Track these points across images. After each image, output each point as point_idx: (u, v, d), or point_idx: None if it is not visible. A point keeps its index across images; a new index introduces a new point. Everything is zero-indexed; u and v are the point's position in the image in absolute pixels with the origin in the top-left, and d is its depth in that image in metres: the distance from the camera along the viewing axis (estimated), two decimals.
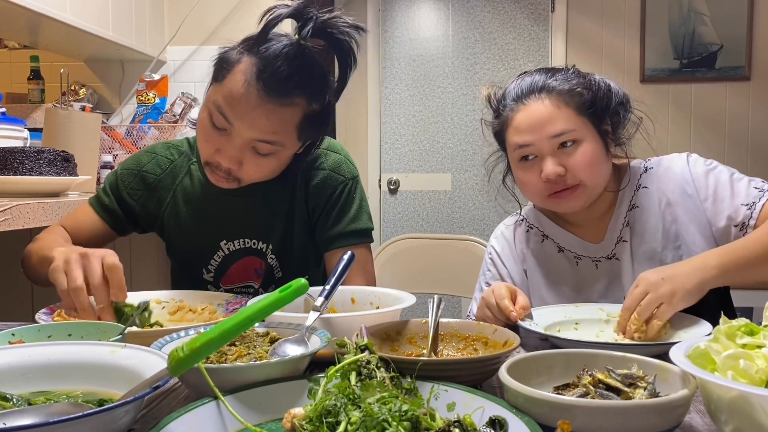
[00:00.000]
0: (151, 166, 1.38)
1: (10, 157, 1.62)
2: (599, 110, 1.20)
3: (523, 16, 3.86)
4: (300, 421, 0.60)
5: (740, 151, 3.70)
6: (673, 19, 3.70)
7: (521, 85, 1.23)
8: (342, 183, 1.34)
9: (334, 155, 1.36)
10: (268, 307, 0.71)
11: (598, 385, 0.69)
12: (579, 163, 1.16)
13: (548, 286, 1.30)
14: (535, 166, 1.20)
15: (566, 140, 1.17)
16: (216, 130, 1.17)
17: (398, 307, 0.98)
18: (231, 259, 1.36)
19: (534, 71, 1.26)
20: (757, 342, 0.63)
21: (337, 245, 1.32)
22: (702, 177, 1.20)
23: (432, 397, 0.69)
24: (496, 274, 1.35)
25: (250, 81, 1.12)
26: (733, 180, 1.18)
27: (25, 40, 2.82)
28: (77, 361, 0.76)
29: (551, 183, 1.18)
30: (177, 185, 1.37)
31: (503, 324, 0.98)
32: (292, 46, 1.14)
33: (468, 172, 3.97)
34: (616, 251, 1.25)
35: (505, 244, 1.37)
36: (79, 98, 3.01)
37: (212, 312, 1.14)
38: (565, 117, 1.17)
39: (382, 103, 4.02)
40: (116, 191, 1.38)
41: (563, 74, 1.22)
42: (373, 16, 3.97)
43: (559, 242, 1.31)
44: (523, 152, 1.20)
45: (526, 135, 1.19)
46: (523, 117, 1.20)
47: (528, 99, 1.20)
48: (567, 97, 1.18)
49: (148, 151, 1.42)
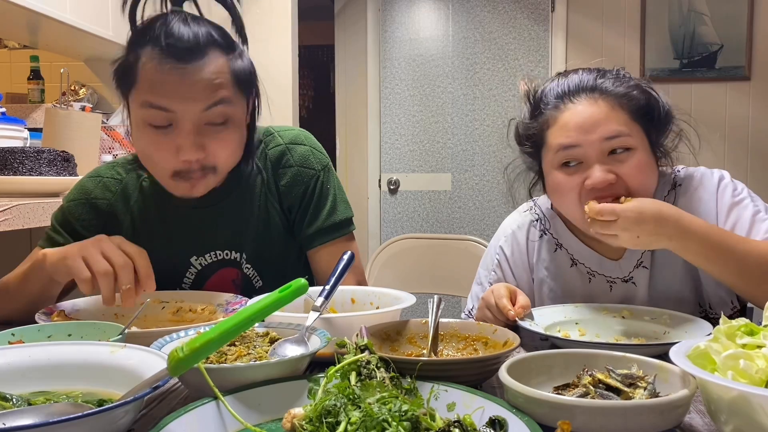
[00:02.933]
0: (99, 192, 1.28)
1: (10, 157, 1.62)
2: (654, 117, 1.11)
3: (523, 16, 3.86)
4: (300, 421, 0.60)
5: (740, 151, 3.70)
6: (673, 19, 3.70)
7: (567, 83, 1.13)
8: (313, 177, 1.28)
9: (299, 148, 1.29)
10: (268, 307, 0.72)
11: (598, 385, 0.69)
12: (632, 171, 1.06)
13: (557, 300, 1.23)
14: (578, 173, 1.08)
15: (619, 145, 1.06)
16: (162, 132, 1.09)
17: (398, 307, 0.98)
18: (205, 273, 1.28)
19: (579, 69, 1.16)
20: (757, 342, 0.63)
21: (318, 242, 1.28)
22: (725, 211, 1.11)
23: (432, 397, 0.69)
24: (501, 277, 1.28)
25: (160, 62, 1.05)
26: (755, 220, 1.08)
27: (25, 40, 2.82)
28: (77, 361, 0.76)
29: (595, 192, 1.06)
30: (132, 207, 1.28)
31: (503, 324, 0.98)
32: (174, 14, 1.10)
33: (468, 172, 3.97)
34: (634, 275, 1.16)
35: (516, 249, 1.28)
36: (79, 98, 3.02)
37: (212, 312, 1.13)
38: (620, 120, 1.07)
39: (382, 103, 4.01)
40: (67, 226, 1.26)
41: (615, 75, 1.13)
42: (373, 16, 3.97)
43: (573, 254, 1.22)
44: (567, 154, 1.09)
45: (575, 135, 1.07)
46: (572, 116, 1.09)
47: (577, 97, 1.10)
48: (623, 99, 1.09)
49: (92, 176, 1.31)
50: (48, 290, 1.13)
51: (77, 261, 0.99)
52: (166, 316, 1.15)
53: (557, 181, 1.11)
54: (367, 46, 3.96)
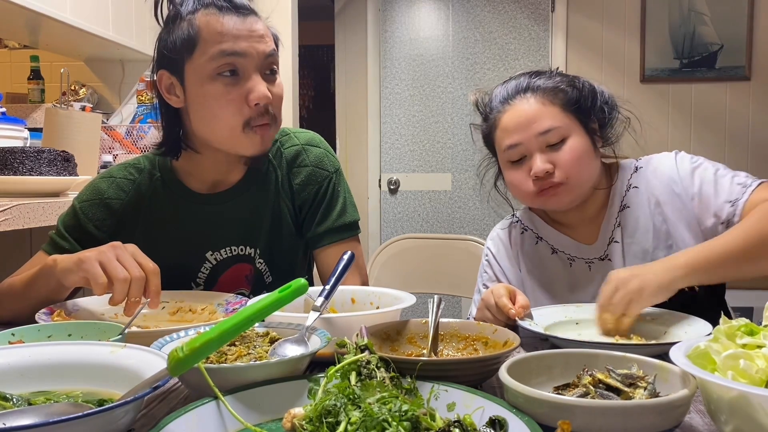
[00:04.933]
0: (112, 192, 1.29)
1: (10, 157, 1.62)
2: (584, 107, 1.22)
3: (523, 16, 3.86)
4: (300, 421, 0.60)
5: (740, 151, 3.70)
6: (673, 19, 3.70)
7: (507, 87, 1.25)
8: (327, 178, 1.32)
9: (314, 150, 1.34)
10: (268, 307, 0.71)
11: (598, 385, 0.69)
12: (567, 158, 1.18)
13: (543, 287, 1.31)
14: (524, 165, 1.21)
15: (554, 137, 1.18)
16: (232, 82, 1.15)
17: (398, 307, 0.98)
18: (220, 269, 1.31)
19: (519, 74, 1.28)
20: (757, 342, 0.63)
21: (326, 241, 1.31)
22: (688, 176, 1.20)
23: (432, 397, 0.69)
24: (493, 275, 1.36)
25: (218, 18, 1.15)
26: (717, 177, 1.18)
27: (25, 40, 2.82)
28: (77, 361, 0.76)
29: (539, 181, 1.19)
30: (145, 207, 1.30)
31: (503, 324, 0.98)
32: None
33: (468, 172, 3.98)
34: (608, 252, 1.25)
35: (500, 245, 1.38)
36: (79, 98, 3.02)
37: (212, 312, 1.14)
38: (552, 114, 1.19)
39: (382, 103, 4.02)
40: (77, 230, 1.27)
41: (547, 74, 1.25)
42: (373, 16, 3.97)
43: (552, 244, 1.31)
44: (512, 153, 1.22)
45: (515, 135, 1.21)
46: (511, 117, 1.22)
47: (514, 99, 1.23)
48: (551, 94, 1.21)
49: (104, 177, 1.32)
50: (55, 295, 1.13)
51: (95, 265, 1.00)
52: (166, 316, 1.16)
53: (509, 176, 1.26)
54: (367, 46, 3.97)
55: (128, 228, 1.29)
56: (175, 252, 1.29)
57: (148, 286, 1.01)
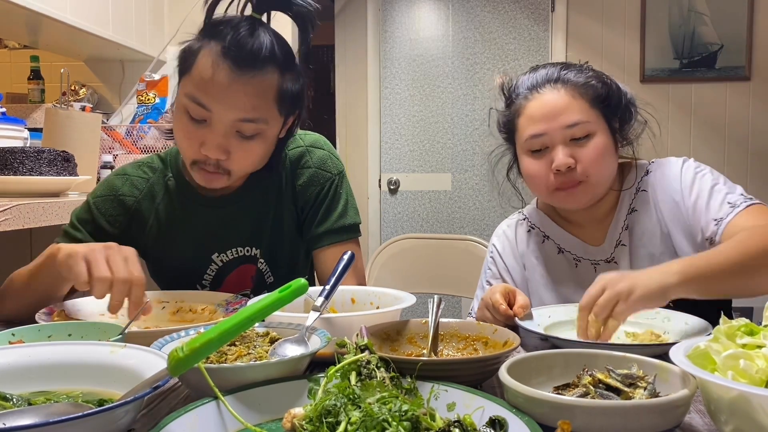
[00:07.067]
0: (127, 189, 1.30)
1: (10, 157, 1.62)
2: (612, 105, 1.20)
3: (523, 16, 3.86)
4: (300, 421, 0.60)
5: (740, 151, 3.70)
6: (673, 19, 3.69)
7: (535, 76, 1.23)
8: (329, 180, 1.32)
9: (318, 152, 1.34)
10: (268, 307, 0.71)
11: (598, 385, 0.69)
12: (590, 155, 1.16)
13: (547, 286, 1.30)
14: (544, 157, 1.19)
15: (579, 132, 1.16)
16: (195, 123, 1.13)
17: (398, 307, 0.98)
18: (225, 270, 1.32)
19: (547, 64, 1.26)
20: (757, 342, 0.63)
21: (326, 242, 1.31)
22: (688, 186, 1.19)
23: (432, 397, 0.69)
24: (497, 272, 1.35)
25: (217, 61, 1.10)
26: (713, 192, 1.16)
27: (25, 40, 2.82)
28: (77, 361, 0.76)
29: (560, 175, 1.17)
30: (157, 206, 1.31)
31: (503, 324, 0.98)
32: (248, 20, 1.14)
33: (468, 172, 3.97)
34: (615, 255, 1.24)
35: (506, 242, 1.37)
36: (79, 98, 3.02)
37: (212, 312, 1.14)
38: (580, 108, 1.18)
39: (382, 103, 4.01)
40: (90, 223, 1.28)
41: (578, 68, 1.24)
42: (373, 16, 3.97)
43: (559, 243, 1.30)
44: (534, 142, 1.20)
45: (540, 124, 1.18)
46: (537, 106, 1.20)
47: (542, 88, 1.21)
48: (582, 89, 1.19)
49: (119, 174, 1.34)
50: (56, 287, 1.12)
51: (79, 262, 0.98)
52: (166, 316, 1.16)
53: (528, 165, 1.23)
54: (367, 46, 3.96)
55: (140, 225, 1.30)
56: (182, 253, 1.31)
57: (129, 295, 0.98)
